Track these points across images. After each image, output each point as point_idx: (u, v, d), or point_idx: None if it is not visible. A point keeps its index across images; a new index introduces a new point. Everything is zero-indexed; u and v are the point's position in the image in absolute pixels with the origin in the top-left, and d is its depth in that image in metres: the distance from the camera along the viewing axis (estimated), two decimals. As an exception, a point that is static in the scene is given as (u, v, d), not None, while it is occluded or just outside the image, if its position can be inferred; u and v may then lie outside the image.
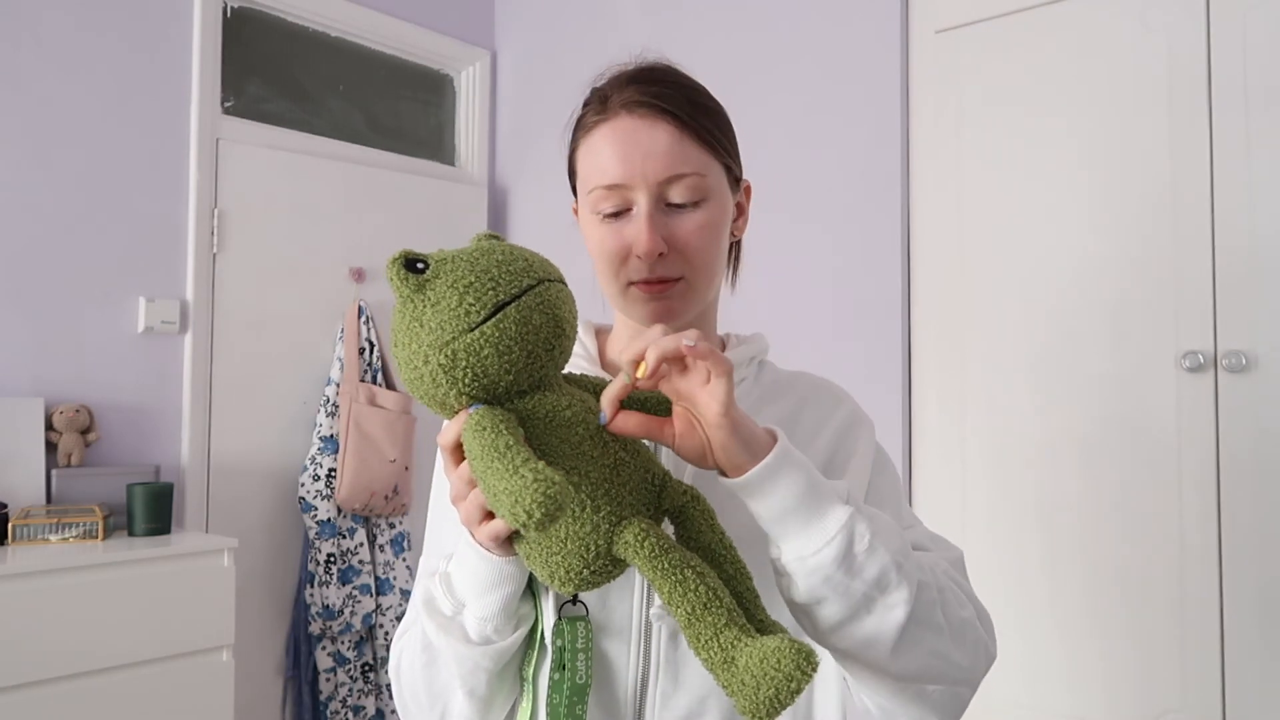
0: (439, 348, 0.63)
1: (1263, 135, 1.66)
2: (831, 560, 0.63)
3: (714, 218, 0.81)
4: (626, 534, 0.63)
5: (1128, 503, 1.77)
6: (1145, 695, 1.74)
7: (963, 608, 0.73)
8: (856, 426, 0.87)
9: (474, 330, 0.63)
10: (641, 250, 0.77)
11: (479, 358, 0.63)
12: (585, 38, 2.78)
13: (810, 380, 0.92)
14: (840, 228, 2.19)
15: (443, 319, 0.64)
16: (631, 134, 0.78)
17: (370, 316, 2.55)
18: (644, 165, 0.77)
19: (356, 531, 2.45)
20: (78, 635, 1.72)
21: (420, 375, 0.65)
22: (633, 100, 0.79)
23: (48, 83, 2.11)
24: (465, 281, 0.65)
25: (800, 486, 0.64)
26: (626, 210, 0.79)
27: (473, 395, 0.64)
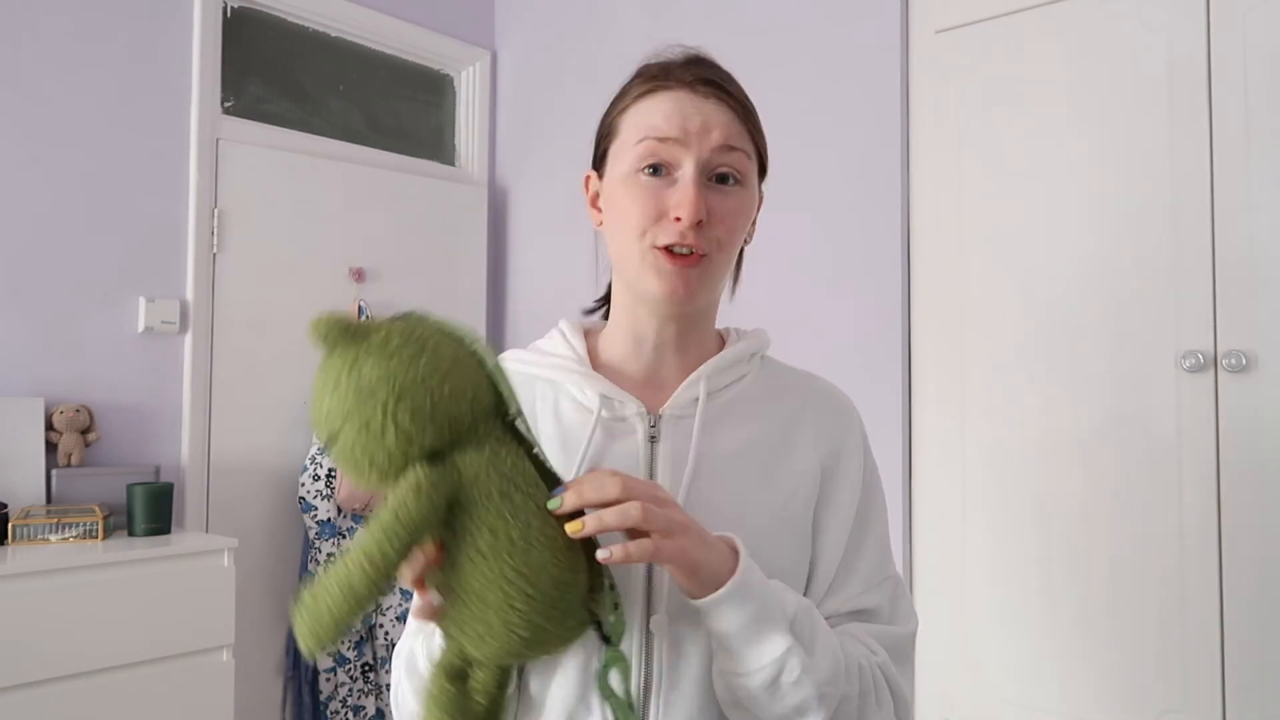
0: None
1: (1263, 135, 1.66)
2: (758, 685, 0.68)
3: (748, 204, 0.83)
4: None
5: (1128, 503, 1.77)
6: (1145, 695, 1.74)
7: (881, 708, 0.76)
8: (854, 447, 0.87)
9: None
10: (686, 213, 0.76)
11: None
12: (585, 38, 2.78)
13: (816, 384, 0.91)
14: (840, 227, 2.19)
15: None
16: (693, 102, 0.79)
17: (370, 316, 2.55)
18: (702, 129, 0.78)
19: (356, 531, 2.45)
20: (78, 635, 1.72)
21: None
22: (698, 78, 0.80)
23: (48, 83, 2.11)
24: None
25: (746, 617, 0.68)
26: (667, 173, 0.78)
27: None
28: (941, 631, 2.00)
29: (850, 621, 0.81)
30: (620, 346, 0.86)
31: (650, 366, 0.86)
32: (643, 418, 0.82)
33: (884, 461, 2.15)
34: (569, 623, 0.64)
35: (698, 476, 0.79)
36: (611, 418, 0.82)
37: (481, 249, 2.96)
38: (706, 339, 0.88)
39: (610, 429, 0.81)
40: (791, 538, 0.81)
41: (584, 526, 0.64)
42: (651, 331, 0.85)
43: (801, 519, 0.82)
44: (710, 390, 0.83)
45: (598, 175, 0.87)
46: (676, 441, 0.81)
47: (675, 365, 0.86)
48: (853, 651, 0.75)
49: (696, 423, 0.81)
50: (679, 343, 0.86)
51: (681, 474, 0.78)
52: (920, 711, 2.02)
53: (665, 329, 0.85)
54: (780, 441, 0.84)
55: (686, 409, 0.82)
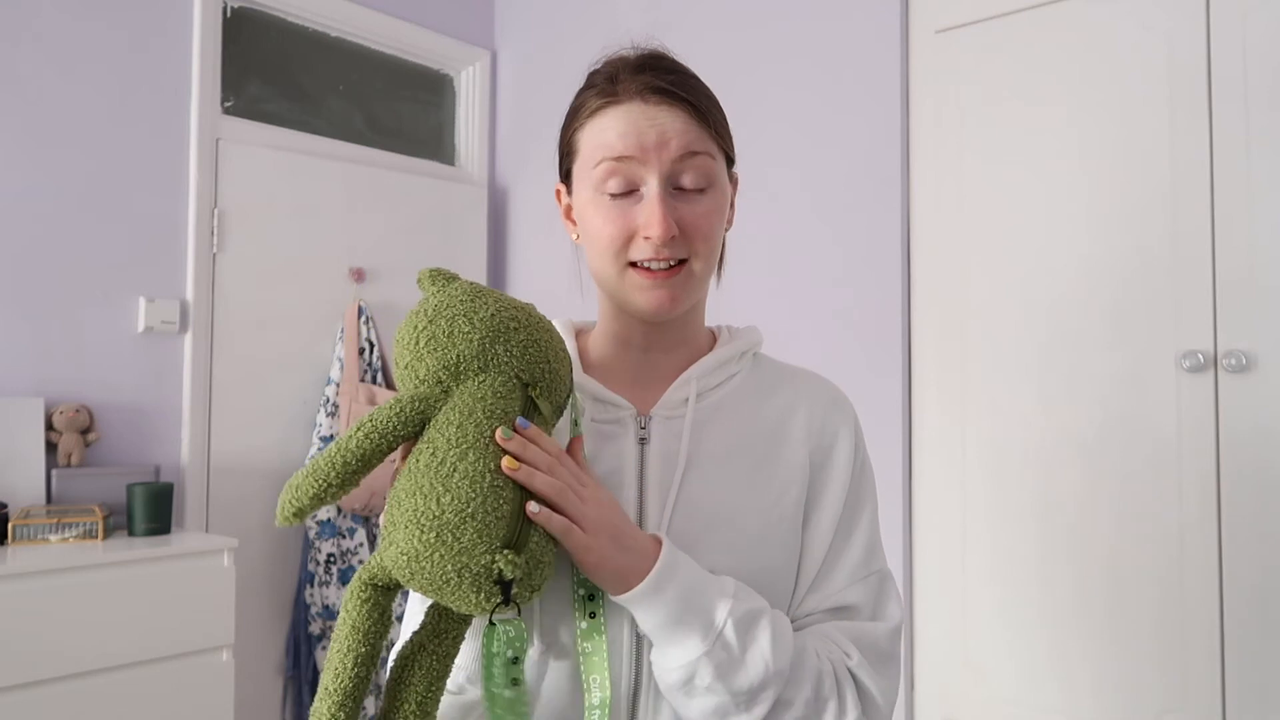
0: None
1: (1263, 135, 1.66)
2: (673, 683, 0.71)
3: (719, 204, 0.82)
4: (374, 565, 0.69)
5: (1128, 502, 1.77)
6: (1145, 695, 1.74)
7: (843, 714, 0.75)
8: (844, 442, 0.85)
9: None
10: (656, 231, 0.75)
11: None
12: (585, 37, 2.78)
13: (809, 380, 0.90)
14: (840, 227, 2.19)
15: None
16: (645, 115, 0.77)
17: (370, 317, 2.55)
18: (658, 143, 0.77)
19: (356, 531, 2.45)
20: (78, 635, 1.72)
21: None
22: (646, 86, 0.78)
23: (48, 82, 2.11)
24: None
25: (659, 619, 0.70)
26: (632, 191, 0.78)
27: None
28: (941, 631, 2.00)
29: (830, 619, 0.81)
30: (608, 348, 0.87)
31: (639, 366, 0.86)
32: (633, 419, 0.82)
33: (884, 461, 2.16)
34: (464, 560, 0.63)
35: (688, 477, 0.79)
36: (603, 419, 0.82)
37: (481, 249, 2.96)
38: (696, 337, 0.88)
39: (601, 430, 0.82)
40: (783, 536, 0.80)
41: (518, 467, 0.67)
42: (638, 335, 0.85)
43: (792, 517, 0.81)
44: (700, 390, 0.84)
45: (566, 190, 0.87)
46: (666, 442, 0.81)
47: (664, 364, 0.86)
48: (814, 658, 0.75)
49: (687, 423, 0.81)
50: (667, 343, 0.86)
51: (672, 475, 0.79)
52: (920, 711, 2.02)
53: (651, 333, 0.85)
54: (771, 440, 0.83)
55: (676, 409, 0.82)
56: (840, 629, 0.80)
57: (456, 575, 0.63)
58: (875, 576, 0.84)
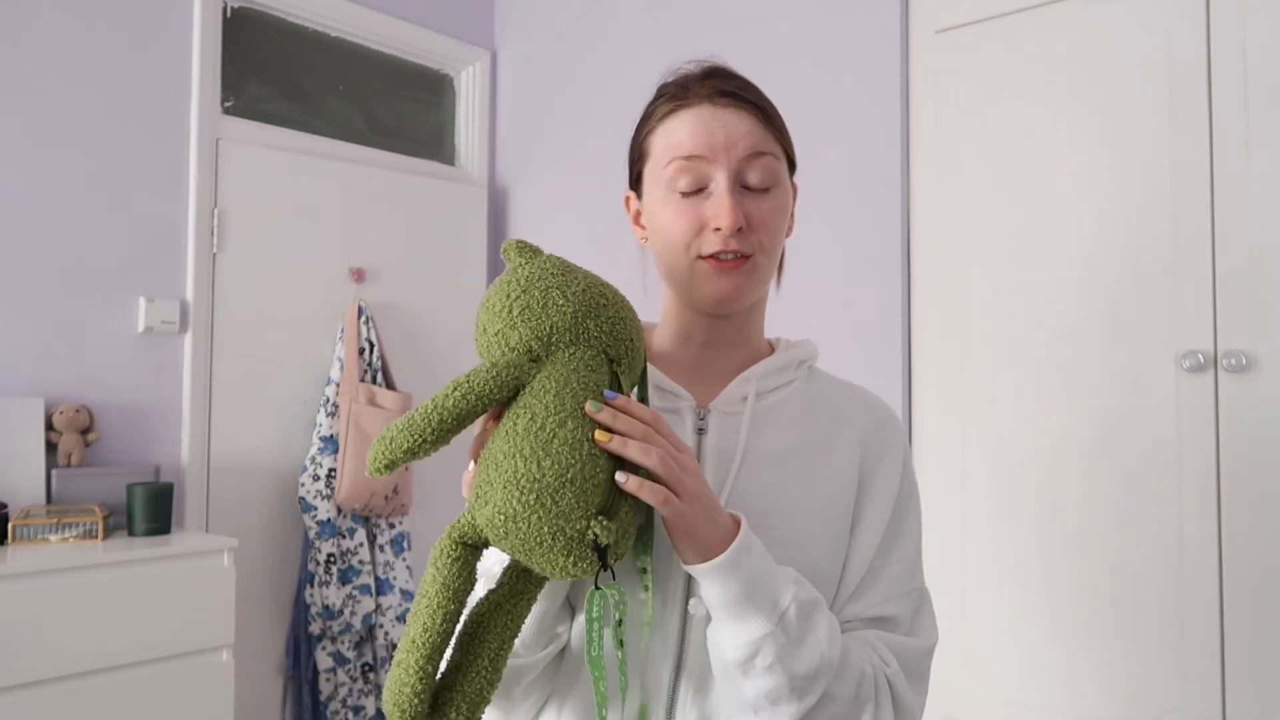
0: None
1: (1263, 135, 1.66)
2: (732, 660, 0.71)
3: (783, 203, 0.86)
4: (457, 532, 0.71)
5: (1128, 503, 1.77)
6: (1145, 695, 1.74)
7: (879, 717, 0.76)
8: (894, 458, 0.87)
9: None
10: (726, 222, 0.79)
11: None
12: (585, 37, 2.78)
13: (862, 396, 0.92)
14: (840, 227, 2.19)
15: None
16: (715, 116, 0.82)
17: (370, 316, 2.55)
18: (727, 143, 0.81)
19: (356, 531, 2.45)
20: (78, 635, 1.72)
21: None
22: (716, 91, 0.83)
23: (48, 82, 2.11)
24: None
25: (730, 593, 0.70)
26: (701, 189, 0.81)
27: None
28: (942, 631, 2.00)
29: (870, 628, 0.82)
30: (670, 343, 0.90)
31: (700, 361, 0.88)
32: (692, 410, 0.84)
33: (884, 461, 2.14)
34: (560, 524, 0.65)
35: (742, 472, 0.81)
36: (663, 408, 0.84)
37: (481, 249, 2.96)
38: (755, 340, 0.91)
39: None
40: (830, 539, 0.82)
41: (610, 439, 0.67)
42: (700, 331, 0.88)
43: (841, 522, 0.83)
44: (759, 391, 0.86)
45: (636, 195, 0.90)
46: (724, 436, 0.83)
47: (724, 362, 0.88)
48: (859, 657, 0.76)
49: (745, 419, 0.83)
50: (728, 340, 0.88)
51: (727, 468, 0.81)
52: (920, 711, 2.02)
53: (715, 327, 0.88)
54: (823, 447, 0.85)
55: (735, 406, 0.85)
56: (880, 638, 0.81)
57: (551, 538, 0.65)
58: (916, 594, 0.86)
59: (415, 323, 2.74)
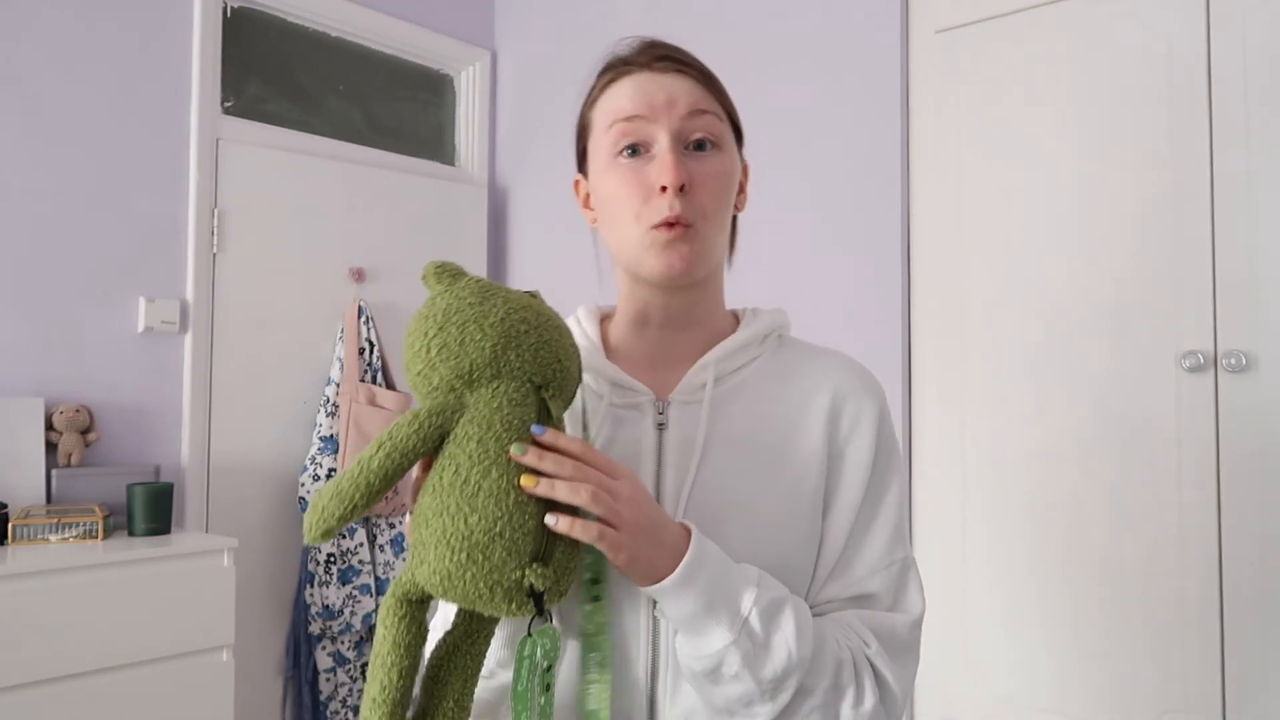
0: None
1: (1263, 135, 1.66)
2: (699, 671, 0.71)
3: (729, 167, 0.83)
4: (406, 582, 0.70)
5: (1127, 502, 1.77)
6: (1145, 695, 1.74)
7: (860, 701, 0.75)
8: (867, 426, 0.83)
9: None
10: (668, 178, 0.77)
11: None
12: (585, 37, 2.78)
13: (836, 361, 0.88)
14: (840, 227, 2.19)
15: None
16: (654, 80, 0.81)
17: (370, 316, 2.55)
18: (668, 101, 0.80)
19: (356, 531, 2.45)
20: (78, 635, 1.72)
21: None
22: (653, 56, 0.83)
23: (48, 82, 2.11)
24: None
25: (686, 610, 0.69)
26: (645, 151, 0.80)
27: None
28: (941, 631, 2.00)
29: (850, 608, 0.80)
30: (627, 329, 0.87)
31: (657, 347, 0.86)
32: (652, 404, 0.82)
33: (884, 461, 2.14)
34: (495, 577, 0.65)
35: (705, 463, 0.79)
36: (621, 404, 0.82)
37: (481, 249, 2.96)
38: (715, 317, 0.88)
39: (619, 416, 0.82)
40: (801, 523, 0.80)
41: (537, 484, 0.66)
42: (655, 309, 0.85)
43: (811, 504, 0.81)
44: (719, 374, 0.83)
45: (584, 176, 0.88)
46: (684, 428, 0.81)
47: (683, 345, 0.86)
48: (835, 644, 0.75)
49: (704, 409, 0.81)
50: (683, 319, 0.86)
51: (689, 461, 0.79)
52: (920, 711, 2.02)
53: (668, 305, 0.85)
54: (790, 423, 0.82)
55: (694, 394, 0.82)
56: (860, 617, 0.79)
57: (489, 591, 0.65)
58: (898, 565, 0.82)
59: (415, 323, 2.73)
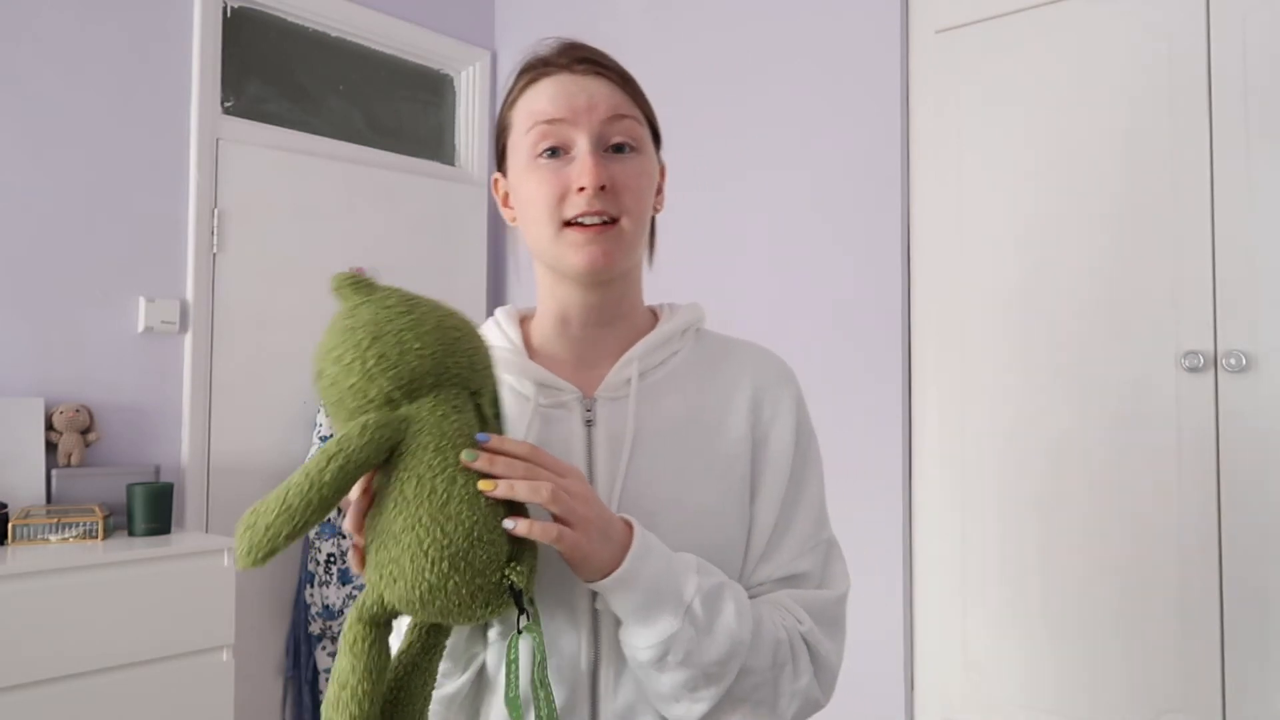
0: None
1: (1263, 135, 1.66)
2: (646, 660, 0.72)
3: (648, 169, 0.85)
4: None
5: (1127, 502, 1.77)
6: (1145, 695, 1.74)
7: (798, 677, 0.78)
8: (786, 413, 0.87)
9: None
10: (588, 180, 0.78)
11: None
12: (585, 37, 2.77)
13: (751, 353, 0.91)
14: (840, 227, 2.19)
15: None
16: (575, 82, 0.82)
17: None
18: (588, 105, 0.81)
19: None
20: (78, 635, 1.72)
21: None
22: (573, 59, 0.83)
23: (48, 83, 2.11)
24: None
25: (633, 603, 0.71)
26: (565, 153, 0.81)
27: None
28: (941, 631, 2.00)
29: (782, 587, 0.83)
30: (549, 329, 0.88)
31: (580, 345, 0.87)
32: (579, 402, 0.83)
33: (884, 461, 2.16)
34: (479, 582, 0.64)
35: (635, 456, 0.81)
36: (549, 404, 0.83)
37: (481, 249, 2.96)
38: (634, 314, 0.90)
39: (547, 415, 0.83)
40: (731, 509, 0.82)
41: (495, 487, 0.66)
42: (576, 307, 0.86)
43: (740, 490, 0.83)
44: (643, 370, 0.85)
45: (503, 175, 0.89)
46: (612, 423, 0.82)
47: (605, 342, 0.87)
48: (771, 624, 0.77)
49: (630, 403, 0.82)
50: (604, 317, 0.87)
51: (619, 455, 0.80)
52: (920, 711, 2.02)
53: (589, 302, 0.86)
54: (715, 414, 0.85)
55: (620, 390, 0.84)
56: (792, 596, 0.82)
57: (471, 598, 0.64)
58: (824, 545, 0.86)
59: (415, 323, 2.73)
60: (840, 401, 2.13)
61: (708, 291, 2.40)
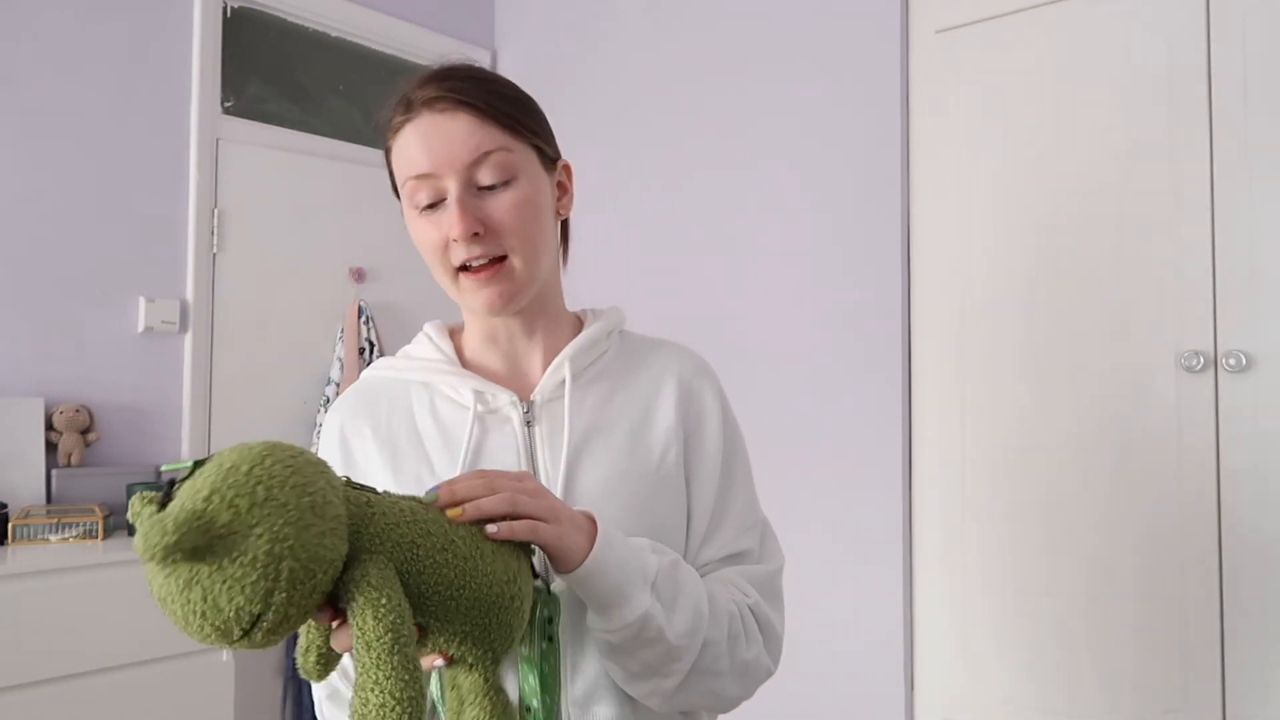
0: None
1: (1263, 135, 1.66)
2: (620, 641, 0.74)
3: (528, 195, 0.84)
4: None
5: (1127, 502, 1.77)
6: (1145, 695, 1.74)
7: (750, 646, 0.82)
8: (711, 404, 0.92)
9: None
10: (456, 232, 0.79)
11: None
12: (585, 37, 2.78)
13: (672, 350, 0.95)
14: (840, 227, 2.19)
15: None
16: (434, 127, 0.81)
17: (370, 316, 2.55)
18: (449, 153, 0.80)
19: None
20: (78, 635, 1.72)
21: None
22: (431, 97, 0.83)
23: (48, 83, 2.11)
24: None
25: (605, 586, 0.72)
26: (441, 200, 0.82)
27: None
28: (941, 631, 2.00)
29: (725, 565, 0.88)
30: (479, 344, 0.91)
31: (511, 358, 0.91)
32: (516, 406, 0.86)
33: (884, 461, 2.16)
34: (525, 604, 0.69)
35: (576, 452, 0.84)
36: (487, 411, 0.87)
37: (481, 249, 2.96)
38: (559, 321, 0.93)
39: (487, 422, 0.86)
40: (669, 494, 0.87)
41: (463, 512, 0.67)
42: (500, 327, 0.90)
43: (675, 476, 0.88)
44: (574, 371, 0.88)
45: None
46: (551, 423, 0.86)
47: (534, 352, 0.91)
48: (722, 598, 0.81)
49: (566, 403, 0.86)
50: (529, 331, 0.91)
51: (560, 453, 0.84)
52: (920, 711, 2.02)
53: (510, 324, 0.90)
54: (645, 407, 0.89)
55: (555, 392, 0.88)
56: (737, 572, 0.87)
57: (521, 620, 0.69)
58: (759, 524, 0.92)
59: (415, 323, 2.71)
60: (840, 401, 2.13)
61: (707, 291, 2.41)
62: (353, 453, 0.87)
